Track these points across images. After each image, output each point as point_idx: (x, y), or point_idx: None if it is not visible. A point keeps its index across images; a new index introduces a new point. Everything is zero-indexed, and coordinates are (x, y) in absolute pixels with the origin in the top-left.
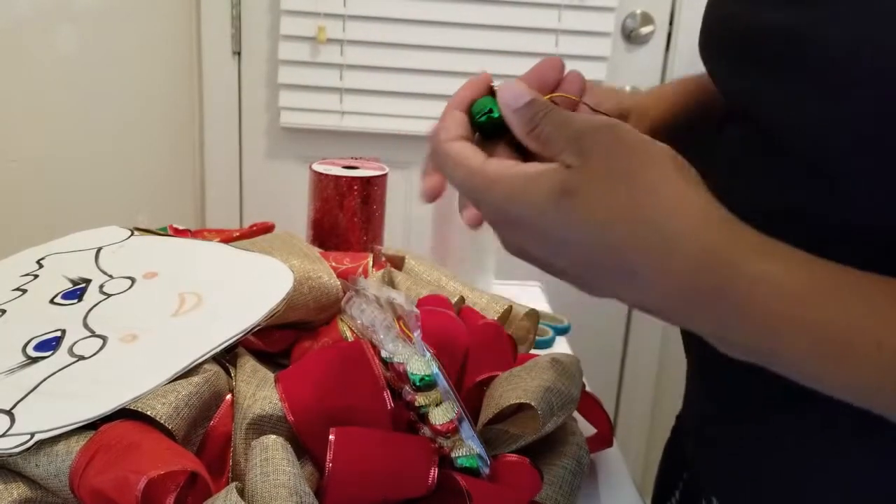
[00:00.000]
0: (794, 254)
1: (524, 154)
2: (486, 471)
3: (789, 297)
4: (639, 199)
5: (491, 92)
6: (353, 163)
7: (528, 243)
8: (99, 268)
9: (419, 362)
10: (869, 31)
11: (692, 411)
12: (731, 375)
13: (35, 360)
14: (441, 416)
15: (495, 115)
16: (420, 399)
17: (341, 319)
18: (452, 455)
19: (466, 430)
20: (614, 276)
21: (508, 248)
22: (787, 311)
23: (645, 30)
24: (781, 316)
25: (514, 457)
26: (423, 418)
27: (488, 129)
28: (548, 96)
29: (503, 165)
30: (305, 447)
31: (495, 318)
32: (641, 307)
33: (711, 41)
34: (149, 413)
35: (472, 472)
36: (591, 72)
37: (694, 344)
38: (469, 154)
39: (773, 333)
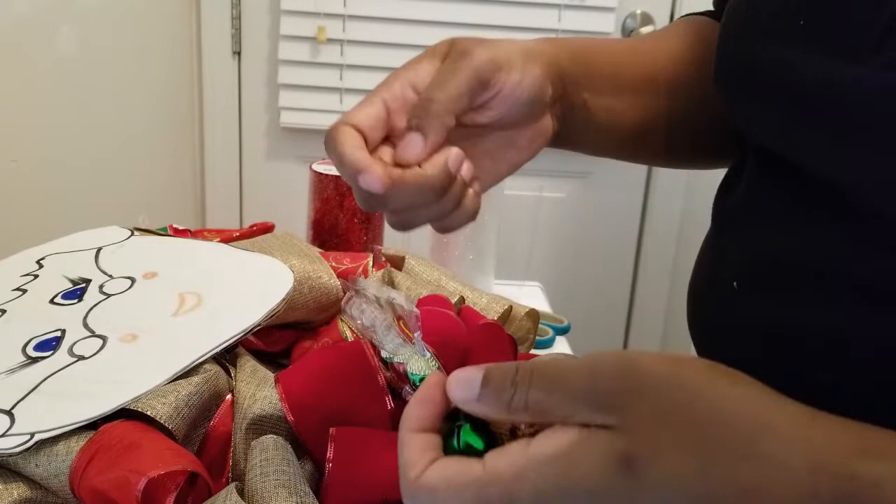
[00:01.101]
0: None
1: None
2: None
3: None
4: (714, 434)
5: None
6: None
7: None
8: (99, 268)
9: (419, 362)
10: None
11: None
12: None
13: (35, 360)
14: None
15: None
16: None
17: (341, 319)
18: None
19: None
20: None
21: None
22: None
23: (645, 29)
24: None
25: None
26: None
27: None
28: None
29: (507, 455)
30: (305, 447)
31: (495, 318)
32: None
33: (750, 91)
34: (149, 413)
35: None
36: None
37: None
38: (462, 467)
39: None
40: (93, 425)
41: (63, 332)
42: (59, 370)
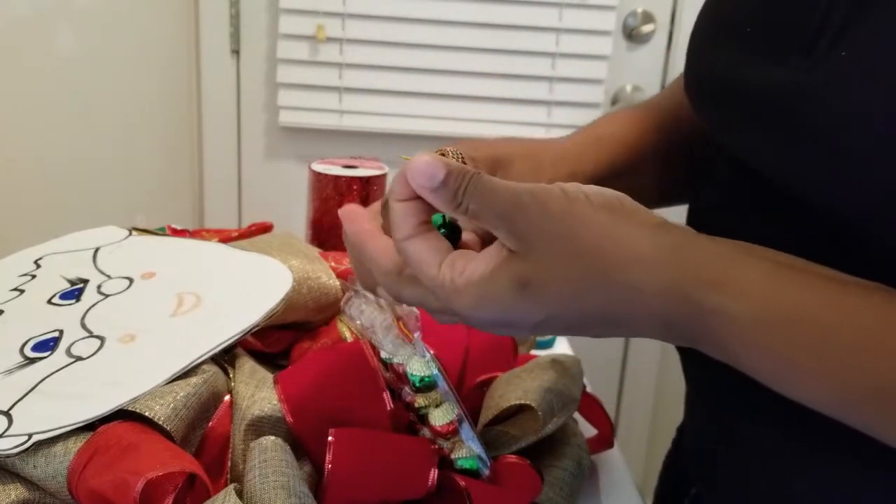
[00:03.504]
0: (750, 278)
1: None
2: (487, 472)
3: (744, 326)
4: (591, 266)
5: None
6: (352, 162)
7: (507, 330)
8: (97, 268)
9: (419, 363)
10: (873, 98)
11: (693, 432)
12: (728, 399)
13: (33, 360)
14: (441, 417)
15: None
16: (420, 400)
17: (340, 320)
18: (452, 456)
19: (466, 431)
20: (599, 328)
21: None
22: (742, 339)
23: (646, 28)
24: (738, 343)
25: (514, 458)
26: (423, 419)
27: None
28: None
29: (456, 273)
30: (304, 448)
31: None
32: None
33: (708, 92)
34: (147, 414)
35: (472, 474)
36: (592, 71)
37: (691, 371)
38: (429, 259)
39: (738, 361)
40: (91, 426)
41: (61, 332)
42: (57, 371)
